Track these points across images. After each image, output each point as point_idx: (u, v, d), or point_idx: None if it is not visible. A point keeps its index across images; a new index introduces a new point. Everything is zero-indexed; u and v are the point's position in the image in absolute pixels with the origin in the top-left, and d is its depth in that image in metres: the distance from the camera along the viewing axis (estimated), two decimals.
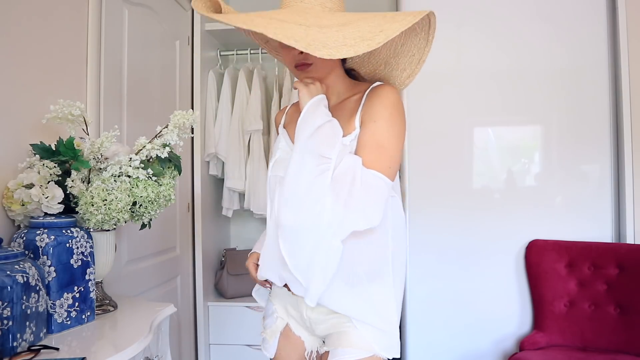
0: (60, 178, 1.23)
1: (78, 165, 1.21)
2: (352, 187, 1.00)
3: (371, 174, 1.03)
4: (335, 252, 1.01)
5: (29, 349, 0.96)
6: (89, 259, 1.20)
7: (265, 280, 1.23)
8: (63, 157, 1.22)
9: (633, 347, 2.05)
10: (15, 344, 0.93)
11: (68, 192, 1.22)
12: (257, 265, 1.24)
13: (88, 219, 1.20)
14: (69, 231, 1.16)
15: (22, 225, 1.23)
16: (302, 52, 1.09)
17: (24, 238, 1.11)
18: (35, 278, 1.00)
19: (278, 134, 1.29)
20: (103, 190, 1.20)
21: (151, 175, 1.28)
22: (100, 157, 1.27)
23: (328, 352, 1.14)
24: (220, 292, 2.56)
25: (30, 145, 1.24)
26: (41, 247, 1.10)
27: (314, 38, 0.91)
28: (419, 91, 2.36)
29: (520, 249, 2.39)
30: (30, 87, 1.33)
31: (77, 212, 1.23)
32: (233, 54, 2.67)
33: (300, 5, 1.09)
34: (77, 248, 1.16)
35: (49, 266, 1.10)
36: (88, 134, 1.30)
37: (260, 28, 0.93)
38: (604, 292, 2.19)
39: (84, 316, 1.18)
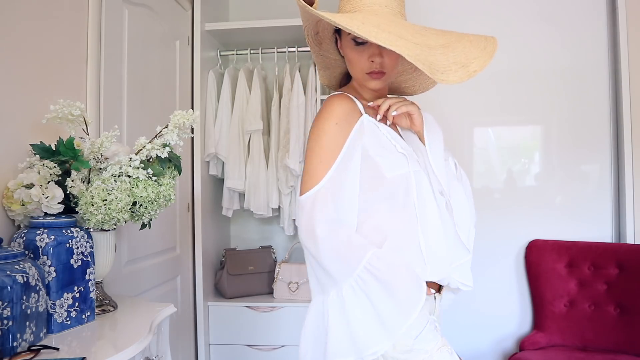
0: (60, 178, 1.23)
1: (78, 165, 1.21)
2: (466, 181, 1.26)
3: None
4: (473, 232, 1.24)
5: (29, 349, 0.96)
6: (89, 259, 1.20)
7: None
8: (63, 157, 1.22)
9: (633, 347, 2.05)
10: (15, 344, 0.93)
11: (68, 192, 1.22)
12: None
13: (88, 219, 1.20)
14: (69, 231, 1.16)
15: (22, 225, 1.23)
16: (375, 60, 1.11)
17: (24, 238, 1.11)
18: (35, 278, 1.00)
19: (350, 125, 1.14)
20: (103, 190, 1.20)
21: (151, 175, 1.28)
22: (100, 157, 1.27)
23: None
24: (220, 292, 2.56)
25: (30, 145, 1.24)
26: (41, 247, 1.10)
27: (434, 61, 0.96)
28: None
29: (520, 249, 2.39)
30: (30, 87, 1.33)
31: (77, 212, 1.23)
32: (233, 54, 2.67)
33: (371, 8, 1.08)
34: (77, 248, 1.16)
35: (49, 266, 1.10)
36: (88, 134, 1.30)
37: (401, 50, 0.95)
38: (604, 292, 2.19)
39: (84, 316, 1.18)
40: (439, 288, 1.17)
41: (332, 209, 1.05)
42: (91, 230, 1.26)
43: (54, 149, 1.23)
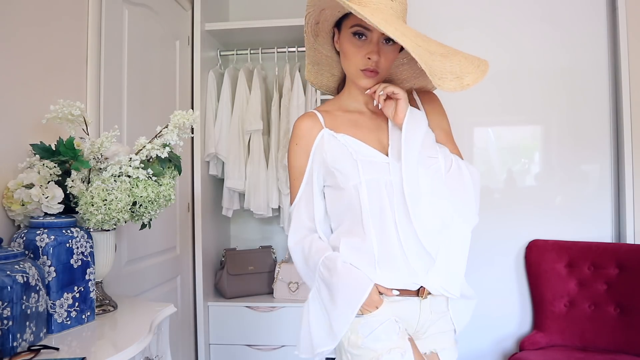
0: (60, 178, 1.23)
1: (78, 165, 1.21)
2: (466, 181, 1.18)
3: (473, 168, 1.22)
4: (467, 239, 1.18)
5: (29, 349, 0.96)
6: (89, 259, 1.20)
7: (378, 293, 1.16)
8: (63, 157, 1.22)
9: (633, 347, 2.05)
10: (15, 344, 0.94)
11: (68, 192, 1.22)
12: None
13: (88, 219, 1.20)
14: (69, 231, 1.16)
15: (22, 225, 1.23)
16: (372, 58, 1.12)
17: (24, 238, 1.11)
18: (35, 278, 1.00)
19: (304, 142, 1.21)
20: (103, 190, 1.20)
21: (151, 175, 1.28)
22: (100, 157, 1.27)
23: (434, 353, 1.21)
24: (220, 292, 2.56)
25: (30, 145, 1.24)
26: (41, 247, 1.10)
27: (433, 66, 0.99)
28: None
29: (520, 249, 2.39)
30: (30, 87, 1.33)
31: (77, 212, 1.23)
32: (233, 54, 2.67)
33: (377, 6, 1.09)
34: (77, 248, 1.16)
35: (49, 266, 1.10)
36: (88, 134, 1.30)
37: (407, 45, 0.97)
38: (604, 292, 2.19)
39: (84, 316, 1.18)
40: (424, 293, 1.15)
41: (305, 219, 1.21)
42: (91, 230, 1.26)
43: (54, 149, 1.23)
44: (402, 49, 1.15)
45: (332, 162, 1.16)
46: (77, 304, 1.16)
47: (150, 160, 1.32)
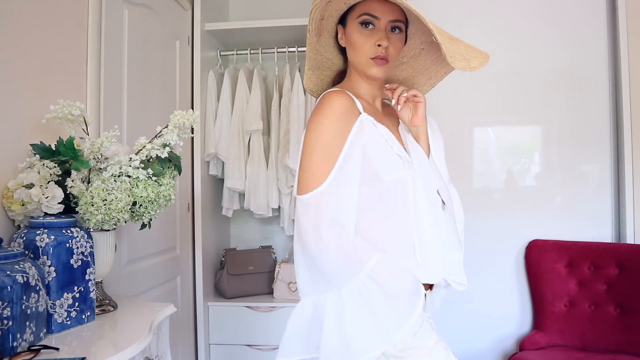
0: (60, 178, 1.23)
1: (78, 165, 1.21)
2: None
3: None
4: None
5: (29, 349, 0.96)
6: (89, 259, 1.20)
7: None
8: (63, 157, 1.22)
9: (633, 347, 2.05)
10: (15, 344, 0.93)
11: (68, 192, 1.22)
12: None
13: (88, 219, 1.20)
14: (69, 231, 1.16)
15: (22, 225, 1.23)
16: (382, 44, 1.11)
17: (24, 238, 1.11)
18: (35, 278, 1.00)
19: (348, 122, 1.11)
20: (103, 190, 1.20)
21: (151, 175, 1.28)
22: (100, 157, 1.27)
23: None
24: (220, 292, 2.56)
25: (30, 145, 1.24)
26: (41, 247, 1.10)
27: (445, 45, 1.02)
28: None
29: (520, 249, 2.39)
30: (30, 87, 1.33)
31: (77, 212, 1.23)
32: (233, 54, 2.67)
33: None
34: (77, 248, 1.16)
35: (49, 266, 1.10)
36: (88, 134, 1.30)
37: (426, 21, 1.01)
38: (604, 292, 2.19)
39: (84, 316, 1.18)
40: (430, 286, 1.19)
41: (335, 211, 1.04)
42: (91, 230, 1.26)
43: (54, 149, 1.23)
44: (405, 41, 1.19)
45: (373, 151, 1.09)
46: (77, 304, 1.16)
47: (150, 160, 1.32)
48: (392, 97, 1.16)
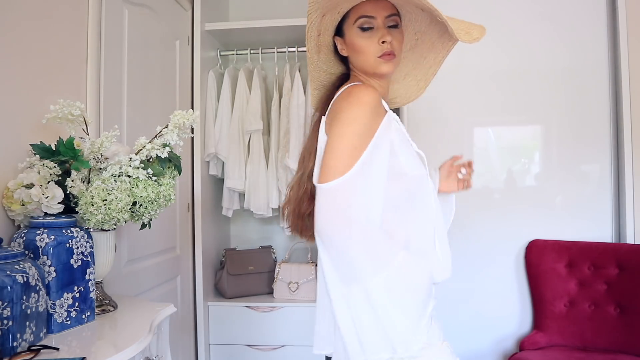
0: (60, 178, 1.23)
1: (78, 165, 1.21)
2: None
3: None
4: None
5: (29, 349, 0.96)
6: (89, 259, 1.20)
7: None
8: (63, 157, 1.22)
9: (633, 347, 2.05)
10: (15, 344, 0.93)
11: (68, 192, 1.22)
12: None
13: (88, 219, 1.20)
14: (69, 231, 1.16)
15: (22, 225, 1.23)
16: (386, 40, 1.12)
17: (24, 238, 1.11)
18: (35, 278, 1.00)
19: (381, 114, 1.11)
20: (103, 190, 1.20)
21: (151, 175, 1.28)
22: (100, 157, 1.27)
23: None
24: (220, 292, 2.56)
25: (30, 145, 1.24)
26: (41, 247, 1.10)
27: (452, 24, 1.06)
28: None
29: (520, 249, 2.39)
30: (30, 87, 1.33)
31: (77, 212, 1.23)
32: (233, 54, 2.67)
33: None
34: (77, 248, 1.16)
35: (49, 266, 1.10)
36: (88, 134, 1.30)
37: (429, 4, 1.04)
38: (604, 292, 2.19)
39: (84, 316, 1.18)
40: None
41: (362, 203, 1.03)
42: (91, 230, 1.26)
43: (54, 149, 1.23)
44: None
45: (399, 148, 1.10)
46: (77, 304, 1.16)
47: (150, 160, 1.32)
48: (468, 175, 1.39)
